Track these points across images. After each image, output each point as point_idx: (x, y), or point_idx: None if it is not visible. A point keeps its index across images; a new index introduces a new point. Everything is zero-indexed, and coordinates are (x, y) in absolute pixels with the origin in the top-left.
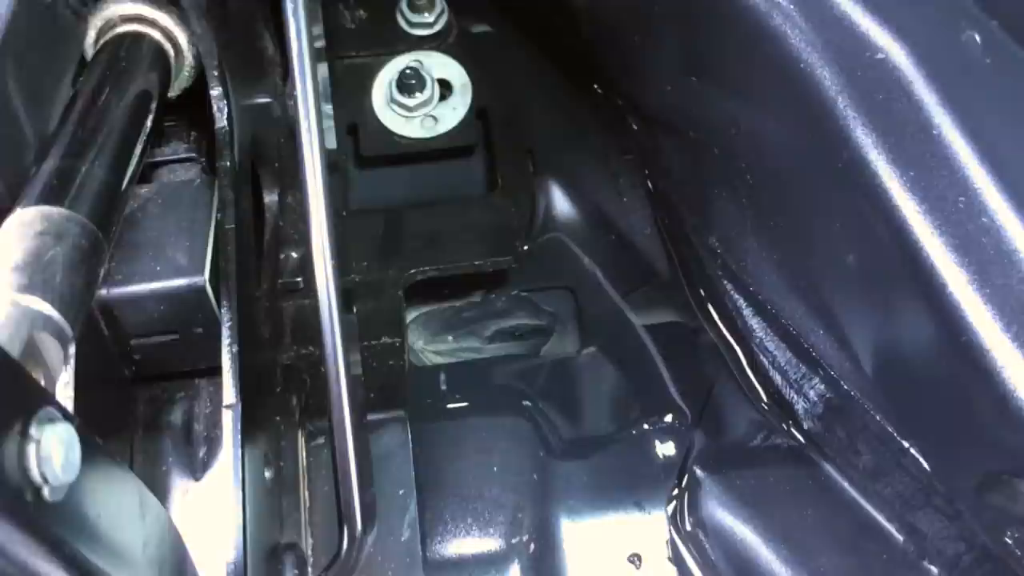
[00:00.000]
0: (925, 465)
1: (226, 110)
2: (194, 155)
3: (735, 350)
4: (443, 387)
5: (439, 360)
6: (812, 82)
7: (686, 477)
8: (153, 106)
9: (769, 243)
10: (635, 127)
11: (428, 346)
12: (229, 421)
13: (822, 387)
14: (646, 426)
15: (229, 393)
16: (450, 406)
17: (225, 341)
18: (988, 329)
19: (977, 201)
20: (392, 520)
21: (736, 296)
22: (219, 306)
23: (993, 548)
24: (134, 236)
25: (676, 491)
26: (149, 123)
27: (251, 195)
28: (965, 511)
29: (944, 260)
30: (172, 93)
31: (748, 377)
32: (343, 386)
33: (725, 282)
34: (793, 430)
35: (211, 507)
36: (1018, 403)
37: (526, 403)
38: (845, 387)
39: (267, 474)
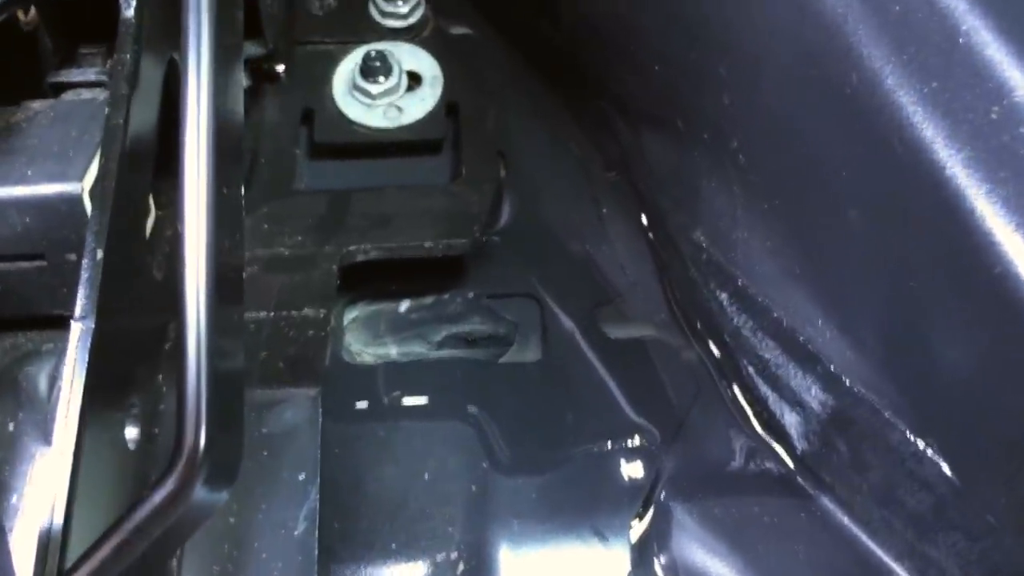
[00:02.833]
0: (945, 468)
1: (135, 1)
2: (105, 79)
3: (719, 363)
4: (377, 386)
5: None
6: (818, 4)
7: (655, 504)
8: None
9: (762, 229)
10: (619, 130)
11: (367, 348)
12: (76, 338)
13: (820, 388)
14: (611, 444)
15: (81, 304)
16: (382, 406)
17: (89, 244)
18: None
19: (1017, 109)
20: (285, 510)
21: (722, 295)
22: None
23: None
24: (12, 143)
25: (642, 519)
26: None
27: (162, 118)
28: (995, 521)
29: (971, 181)
30: None
31: (733, 393)
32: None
33: (711, 282)
34: (783, 454)
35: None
36: None
37: (472, 409)
38: (848, 383)
39: (130, 433)
